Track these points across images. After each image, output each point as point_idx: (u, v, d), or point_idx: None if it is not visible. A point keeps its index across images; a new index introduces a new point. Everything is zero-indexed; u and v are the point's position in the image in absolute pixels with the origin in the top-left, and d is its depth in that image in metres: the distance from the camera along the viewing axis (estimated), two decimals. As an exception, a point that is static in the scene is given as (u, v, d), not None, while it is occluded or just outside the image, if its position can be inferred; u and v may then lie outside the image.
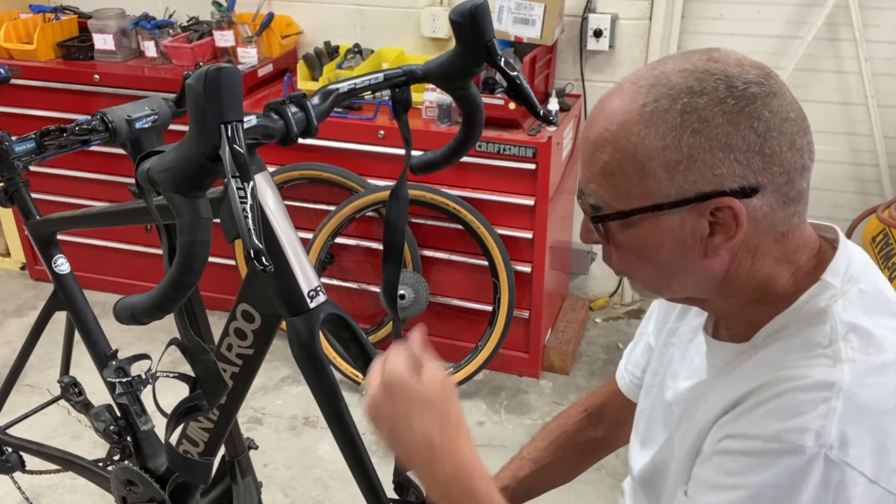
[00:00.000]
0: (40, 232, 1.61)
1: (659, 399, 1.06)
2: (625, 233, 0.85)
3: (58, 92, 2.97)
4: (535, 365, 2.82)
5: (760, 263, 0.85)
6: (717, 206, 0.79)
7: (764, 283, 0.86)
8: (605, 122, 0.82)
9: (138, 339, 2.88)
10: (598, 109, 0.85)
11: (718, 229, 0.81)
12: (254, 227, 0.76)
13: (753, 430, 0.80)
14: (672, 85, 0.79)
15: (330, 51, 2.96)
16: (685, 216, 0.81)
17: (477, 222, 2.54)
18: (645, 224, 0.83)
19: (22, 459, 1.89)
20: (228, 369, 1.13)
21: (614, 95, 0.84)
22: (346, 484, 2.29)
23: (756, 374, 0.84)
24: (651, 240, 0.84)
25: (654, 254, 0.85)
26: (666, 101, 0.78)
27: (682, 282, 0.88)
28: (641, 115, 0.79)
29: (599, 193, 0.84)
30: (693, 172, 0.78)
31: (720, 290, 0.87)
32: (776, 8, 2.74)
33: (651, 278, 0.89)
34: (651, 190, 0.80)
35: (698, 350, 1.00)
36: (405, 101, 1.10)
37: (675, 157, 0.78)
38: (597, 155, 0.83)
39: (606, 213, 0.84)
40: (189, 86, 0.79)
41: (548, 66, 2.78)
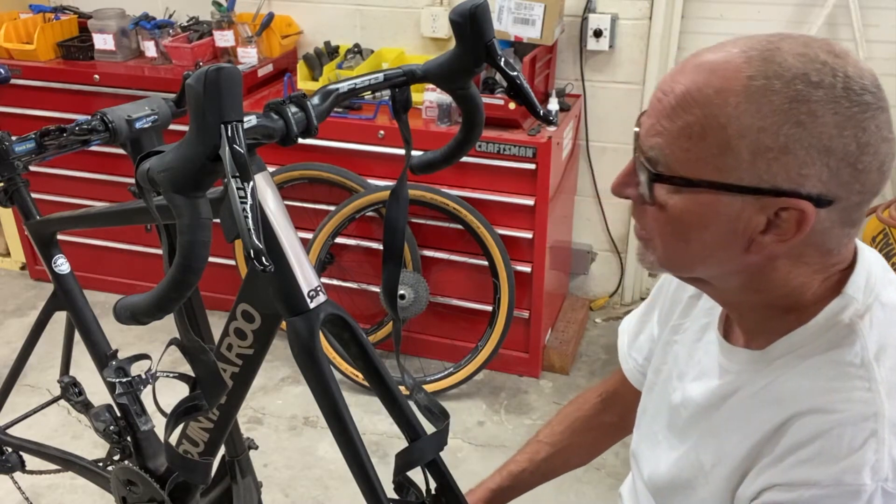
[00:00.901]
0: (40, 232, 1.61)
1: (663, 399, 1.04)
2: (674, 199, 0.79)
3: (58, 92, 2.97)
4: (535, 365, 2.82)
5: (798, 272, 0.81)
6: (785, 206, 0.75)
7: (795, 290, 0.82)
8: (700, 81, 0.75)
9: (138, 339, 2.88)
10: (692, 62, 0.78)
11: (774, 229, 0.77)
12: (254, 227, 0.76)
13: (807, 477, 0.76)
14: (788, 66, 0.73)
15: (330, 51, 2.96)
16: (747, 205, 0.76)
17: (477, 222, 2.54)
18: (701, 199, 0.77)
19: (22, 459, 1.89)
20: (228, 369, 1.13)
21: (716, 52, 0.77)
22: (346, 484, 2.29)
23: (790, 399, 0.81)
24: (699, 217, 0.78)
25: (694, 232, 0.80)
26: (778, 82, 0.72)
27: (708, 268, 0.83)
28: (746, 88, 0.73)
29: (665, 151, 0.78)
30: (779, 164, 0.73)
31: (745, 284, 0.83)
32: (776, 8, 2.74)
33: (675, 254, 0.84)
34: (726, 167, 0.75)
35: (707, 350, 0.97)
36: (405, 101, 1.10)
37: (768, 142, 0.73)
38: (679, 112, 0.76)
39: (667, 173, 0.78)
40: (189, 86, 0.79)
41: (548, 66, 2.78)
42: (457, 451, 2.49)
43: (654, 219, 0.83)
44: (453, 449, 2.49)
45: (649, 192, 0.80)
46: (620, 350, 1.21)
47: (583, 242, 3.19)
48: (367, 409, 2.56)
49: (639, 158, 0.81)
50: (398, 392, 1.11)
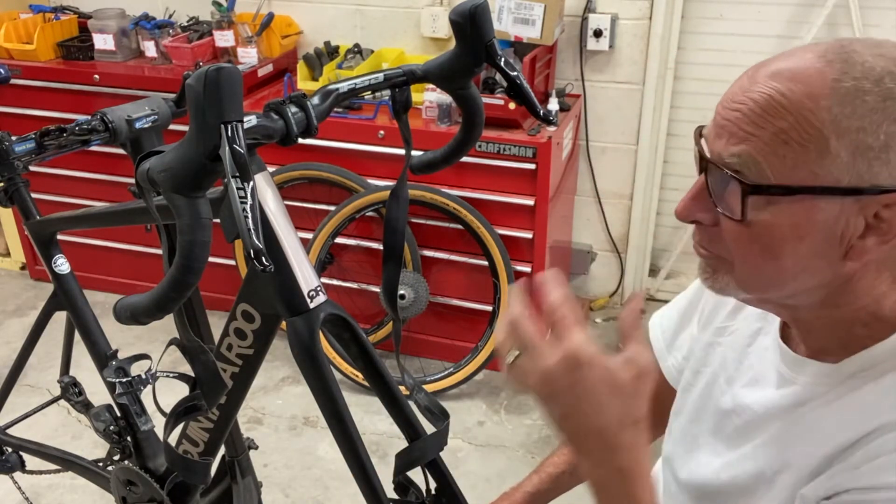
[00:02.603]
0: (40, 232, 1.61)
1: (705, 402, 1.01)
2: (764, 213, 0.75)
3: (58, 92, 2.97)
4: (535, 365, 2.81)
5: (881, 280, 0.79)
6: (887, 203, 0.73)
7: (875, 301, 0.80)
8: (783, 88, 0.73)
9: (138, 339, 2.88)
10: (762, 72, 0.75)
11: (874, 231, 0.74)
12: (254, 227, 0.76)
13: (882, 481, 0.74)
14: (871, 66, 0.72)
15: (330, 51, 2.96)
16: (846, 207, 0.73)
17: (477, 222, 2.54)
18: (797, 207, 0.74)
19: (22, 459, 1.89)
20: (228, 369, 1.13)
21: (787, 60, 0.74)
22: (346, 484, 2.29)
23: (872, 414, 0.78)
24: (794, 228, 0.75)
25: (789, 246, 0.75)
26: (867, 82, 0.71)
27: (798, 285, 0.79)
28: (834, 91, 0.71)
29: (757, 158, 0.73)
30: (880, 163, 0.71)
31: (825, 298, 0.80)
32: (776, 8, 2.74)
33: (762, 274, 0.79)
34: (825, 171, 0.72)
35: (761, 357, 0.94)
36: (405, 101, 1.10)
37: (869, 141, 0.71)
38: (767, 119, 0.73)
39: (763, 182, 0.73)
40: (189, 86, 0.79)
41: (548, 66, 2.78)
42: (457, 451, 2.49)
43: (737, 239, 0.78)
44: (453, 449, 2.49)
45: (741, 208, 0.75)
46: (657, 347, 1.15)
47: (583, 242, 3.19)
48: (367, 409, 2.56)
49: (720, 173, 0.76)
50: (398, 392, 1.11)
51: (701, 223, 0.81)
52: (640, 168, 3.00)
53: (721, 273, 0.82)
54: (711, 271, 0.83)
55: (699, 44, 2.87)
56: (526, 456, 2.47)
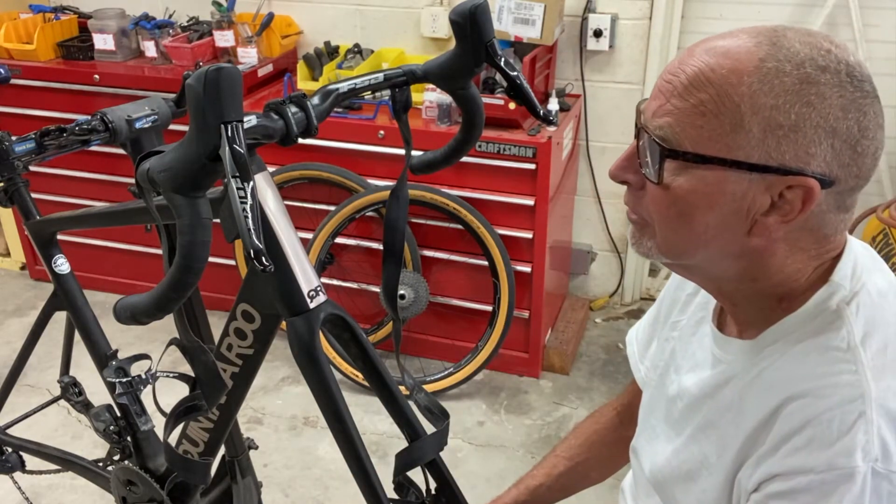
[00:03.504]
0: (40, 232, 1.61)
1: (659, 392, 1.06)
2: (681, 179, 0.80)
3: (58, 92, 2.97)
4: (535, 365, 2.82)
5: (794, 258, 0.83)
6: (791, 185, 0.77)
7: (789, 277, 0.84)
8: (713, 61, 0.78)
9: (138, 339, 2.88)
10: (701, 47, 0.80)
11: (777, 210, 0.79)
12: (254, 227, 0.76)
13: (801, 464, 0.78)
14: (796, 51, 0.76)
15: (330, 51, 2.96)
16: (753, 184, 0.78)
17: (477, 222, 2.54)
18: (709, 177, 0.79)
19: (22, 459, 1.89)
20: (228, 369, 1.13)
21: (725, 39, 0.80)
22: (346, 484, 2.29)
23: (780, 385, 0.82)
24: (705, 197, 0.80)
25: (699, 213, 0.81)
26: (788, 65, 0.76)
27: (709, 253, 0.84)
28: (758, 69, 0.76)
29: (676, 129, 0.79)
30: (788, 143, 0.76)
31: (742, 271, 0.85)
32: (776, 8, 2.74)
33: (676, 237, 0.84)
34: (737, 145, 0.77)
35: (701, 343, 0.99)
36: (405, 101, 1.10)
37: (780, 120, 0.75)
38: (692, 91, 0.78)
39: (678, 149, 0.79)
40: (189, 86, 0.79)
41: (548, 66, 2.78)
42: (457, 451, 2.49)
43: (656, 201, 0.83)
44: (453, 449, 2.49)
45: (658, 171, 0.81)
46: (631, 359, 1.21)
47: (583, 242, 3.19)
48: (367, 409, 2.57)
49: (646, 138, 0.82)
50: (398, 392, 1.11)
51: (630, 185, 0.87)
52: (640, 168, 3.00)
53: (646, 237, 0.88)
54: (638, 235, 0.89)
55: (699, 44, 2.87)
56: (526, 456, 2.47)
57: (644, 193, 0.85)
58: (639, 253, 0.90)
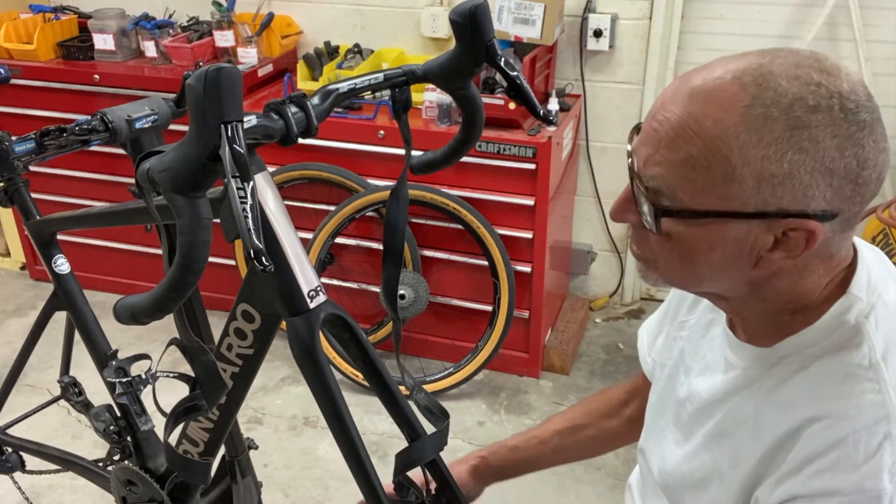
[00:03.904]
0: (40, 232, 1.61)
1: (668, 393, 1.05)
2: (680, 228, 0.80)
3: (58, 92, 2.97)
4: (535, 365, 2.82)
5: (805, 280, 0.82)
6: (793, 227, 0.76)
7: (801, 296, 0.84)
8: (696, 111, 0.75)
9: (138, 339, 2.88)
10: (683, 89, 0.78)
11: (782, 245, 0.78)
12: (254, 227, 0.76)
13: (827, 486, 0.77)
14: (783, 92, 0.73)
15: (330, 51, 2.96)
16: (754, 228, 0.77)
17: (477, 222, 2.54)
18: (708, 227, 0.78)
19: (22, 459, 1.89)
20: (228, 369, 1.13)
21: (706, 78, 0.77)
22: (346, 484, 2.29)
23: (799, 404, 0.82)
24: (706, 242, 0.79)
25: (702, 255, 0.81)
26: (776, 110, 0.73)
27: (715, 283, 0.85)
28: (744, 118, 0.73)
29: (669, 182, 0.78)
30: (784, 189, 0.74)
31: (751, 293, 0.84)
32: (776, 8, 2.74)
33: (681, 274, 0.85)
34: (732, 195, 0.75)
35: (711, 345, 0.98)
36: (405, 101, 1.10)
37: (772, 170, 0.73)
38: (679, 144, 0.76)
39: (673, 206, 0.78)
40: (189, 86, 0.79)
41: (548, 66, 2.78)
42: (457, 451, 2.49)
43: (658, 245, 0.83)
44: (453, 449, 2.49)
45: (655, 224, 0.80)
46: (640, 352, 1.21)
47: (583, 242, 3.19)
48: (367, 409, 2.57)
49: (639, 189, 0.81)
50: (398, 392, 1.11)
51: (632, 224, 0.87)
52: (640, 168, 3.00)
53: (651, 270, 0.88)
54: (644, 268, 0.89)
55: (699, 44, 2.87)
56: (526, 456, 2.47)
57: (647, 233, 0.84)
58: (646, 282, 0.91)
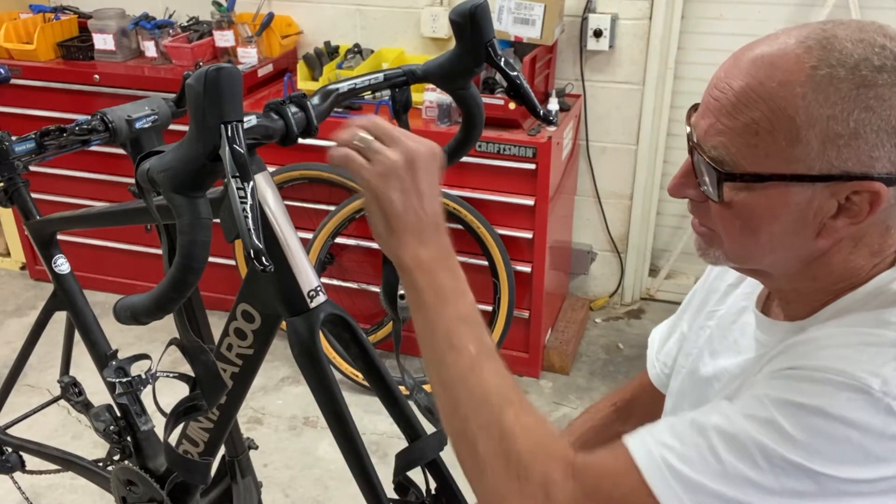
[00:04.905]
0: (40, 232, 1.61)
1: (691, 378, 1.04)
2: (742, 195, 0.79)
3: (58, 92, 2.97)
4: (535, 365, 2.82)
5: (857, 254, 0.82)
6: (857, 189, 0.75)
7: (850, 273, 0.83)
8: (761, 74, 0.75)
9: (138, 339, 2.88)
10: (746, 57, 0.77)
11: (845, 212, 0.77)
12: (254, 227, 0.76)
13: (818, 364, 0.75)
14: (849, 53, 0.73)
15: (330, 51, 2.96)
16: (818, 192, 0.76)
17: (477, 222, 2.54)
18: (771, 192, 0.77)
19: (22, 459, 1.89)
20: (228, 369, 1.13)
21: (770, 45, 0.76)
22: (346, 484, 2.29)
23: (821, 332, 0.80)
24: (769, 209, 0.78)
25: (765, 224, 0.79)
26: (842, 70, 0.73)
27: (776, 258, 0.83)
28: (810, 78, 0.73)
29: (731, 150, 0.77)
30: (850, 150, 0.73)
31: (803, 270, 0.83)
32: (776, 8, 2.74)
33: (744, 248, 0.84)
34: (795, 158, 0.75)
35: (743, 331, 0.98)
36: (405, 101, 1.10)
37: (838, 129, 0.73)
38: (741, 110, 0.76)
39: (735, 171, 0.77)
40: (189, 86, 0.79)
41: (548, 66, 2.78)
42: (457, 451, 2.49)
43: (719, 215, 0.82)
44: (453, 449, 2.49)
45: (717, 191, 0.80)
46: (649, 357, 1.20)
47: (583, 242, 3.19)
48: (367, 409, 2.56)
49: (701, 159, 0.80)
50: (398, 392, 1.11)
51: (692, 199, 0.86)
52: (640, 168, 3.00)
53: (714, 247, 0.87)
54: (705, 245, 0.88)
55: (699, 44, 2.87)
56: (526, 456, 2.47)
57: (707, 206, 0.83)
58: (706, 261, 0.89)
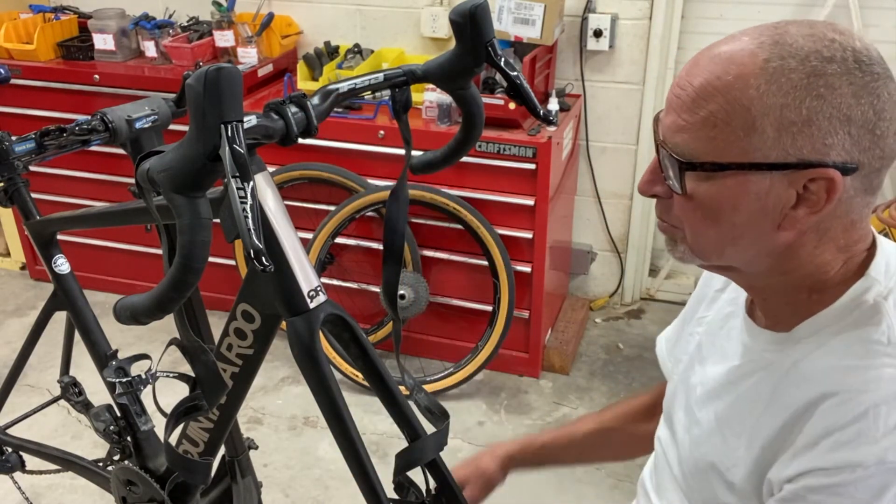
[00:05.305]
0: (40, 232, 1.61)
1: (683, 385, 1.05)
2: (703, 186, 0.82)
3: (58, 92, 2.97)
4: (535, 365, 2.82)
5: (823, 248, 0.84)
6: (813, 177, 0.77)
7: (819, 268, 0.85)
8: (718, 70, 0.79)
9: (138, 339, 2.88)
10: (705, 56, 0.81)
11: (804, 202, 0.79)
12: (254, 227, 0.76)
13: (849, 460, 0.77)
14: (799, 46, 0.77)
15: (330, 51, 2.96)
16: (776, 181, 0.79)
17: (477, 222, 2.54)
18: (731, 182, 0.80)
19: (22, 459, 1.89)
20: (228, 369, 1.13)
21: (728, 44, 0.80)
22: (346, 484, 2.29)
23: (819, 378, 0.82)
24: (730, 199, 0.81)
25: (726, 215, 0.82)
26: (793, 61, 0.76)
27: (739, 250, 0.85)
28: (763, 70, 0.77)
29: (692, 144, 0.81)
30: (804, 137, 0.76)
31: (773, 266, 0.86)
32: (776, 8, 2.74)
33: (706, 240, 0.86)
34: (752, 147, 0.78)
35: (729, 335, 0.99)
36: (405, 101, 1.10)
37: (791, 117, 0.76)
38: (700, 103, 0.79)
39: (695, 161, 0.81)
40: (189, 86, 0.79)
41: (548, 66, 2.78)
42: (457, 451, 2.49)
43: (682, 208, 0.85)
44: (453, 449, 2.49)
45: (680, 182, 0.83)
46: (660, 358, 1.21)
47: (583, 242, 3.19)
48: (367, 409, 2.57)
49: (665, 153, 0.83)
50: (398, 392, 1.11)
51: (659, 196, 0.89)
52: (640, 168, 3.00)
53: (679, 242, 0.90)
54: (673, 243, 0.91)
55: (699, 44, 2.85)
56: (526, 456, 2.47)
57: (672, 203, 0.86)
58: (675, 258, 0.92)
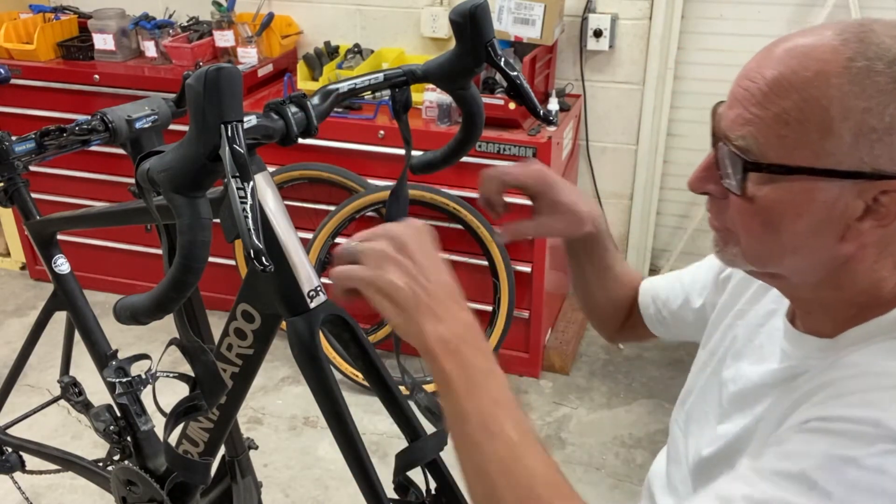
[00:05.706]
0: (40, 232, 1.61)
1: (714, 377, 1.02)
2: (766, 189, 0.76)
3: (58, 92, 2.97)
4: (535, 365, 2.82)
5: (882, 263, 0.79)
6: (885, 189, 0.72)
7: (874, 285, 0.80)
8: (794, 64, 0.73)
9: (138, 339, 2.88)
10: (780, 47, 0.76)
11: (872, 214, 0.74)
12: (254, 227, 0.76)
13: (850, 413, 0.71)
14: (887, 47, 0.72)
15: (330, 51, 2.96)
16: (845, 191, 0.73)
17: (477, 222, 2.54)
18: (797, 187, 0.74)
19: (22, 459, 1.89)
20: (228, 369, 1.13)
21: (807, 36, 0.75)
22: (346, 484, 2.29)
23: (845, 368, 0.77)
24: (794, 206, 0.75)
25: (787, 222, 0.77)
26: (881, 63, 0.71)
27: (796, 261, 0.80)
28: (847, 69, 0.71)
29: (759, 140, 0.75)
30: (882, 146, 0.71)
31: (825, 278, 0.80)
32: (776, 8, 2.74)
33: (763, 248, 0.80)
34: (825, 152, 0.72)
35: (770, 335, 0.95)
36: (405, 101, 1.10)
37: (873, 123, 0.71)
38: (772, 99, 0.74)
39: (761, 161, 0.75)
40: (189, 86, 0.79)
41: (548, 66, 2.79)
42: (457, 451, 2.49)
43: (740, 212, 0.80)
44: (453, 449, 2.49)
45: (740, 183, 0.77)
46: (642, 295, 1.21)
47: (583, 242, 3.19)
48: (367, 409, 2.56)
49: (726, 149, 0.78)
50: (398, 392, 1.11)
51: (712, 195, 0.83)
52: (640, 168, 3.00)
53: (730, 245, 0.84)
54: (722, 244, 0.85)
55: (699, 44, 2.87)
56: (526, 456, 2.47)
57: (727, 203, 0.81)
58: (723, 261, 0.87)
